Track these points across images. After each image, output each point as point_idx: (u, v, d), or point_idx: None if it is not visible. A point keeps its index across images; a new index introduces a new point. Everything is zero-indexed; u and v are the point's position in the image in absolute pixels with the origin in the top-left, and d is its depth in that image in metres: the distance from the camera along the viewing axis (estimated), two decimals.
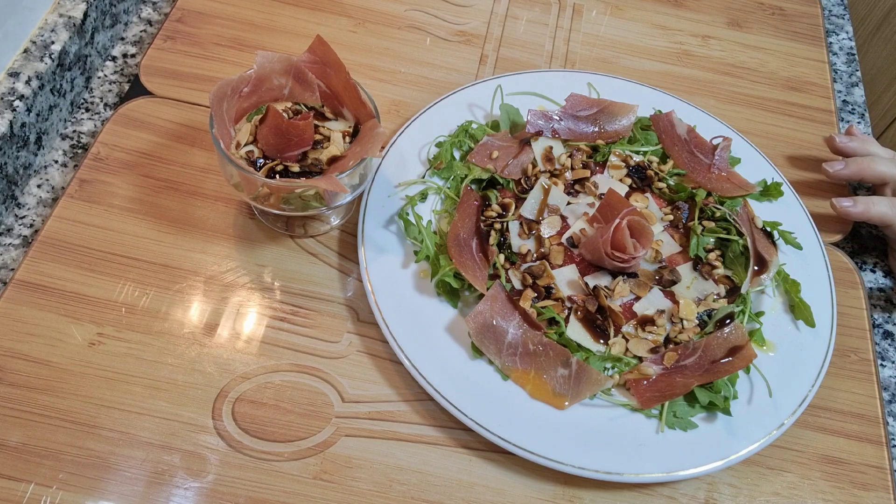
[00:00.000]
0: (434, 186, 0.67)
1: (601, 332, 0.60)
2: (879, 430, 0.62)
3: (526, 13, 0.88)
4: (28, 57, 0.67)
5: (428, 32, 0.83)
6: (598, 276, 0.63)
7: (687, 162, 0.71)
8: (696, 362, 0.59)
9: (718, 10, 0.92)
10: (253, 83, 0.61)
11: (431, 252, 0.62)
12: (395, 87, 0.78)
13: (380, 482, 0.55)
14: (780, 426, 0.58)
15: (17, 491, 0.51)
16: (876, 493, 0.59)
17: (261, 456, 0.55)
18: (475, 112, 0.74)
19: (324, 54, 0.61)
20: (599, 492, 0.56)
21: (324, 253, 0.65)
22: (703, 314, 0.63)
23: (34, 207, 0.66)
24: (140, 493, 0.52)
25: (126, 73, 0.76)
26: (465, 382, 0.57)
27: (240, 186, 0.59)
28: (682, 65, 0.86)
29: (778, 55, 0.89)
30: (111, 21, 0.77)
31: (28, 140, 0.66)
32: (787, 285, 0.65)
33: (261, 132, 0.59)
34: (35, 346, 0.57)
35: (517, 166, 0.69)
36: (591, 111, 0.73)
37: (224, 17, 0.80)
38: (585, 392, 0.57)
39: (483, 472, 0.56)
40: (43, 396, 0.55)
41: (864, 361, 0.65)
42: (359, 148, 0.59)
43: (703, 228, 0.67)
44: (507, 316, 0.59)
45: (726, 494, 0.57)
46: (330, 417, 0.57)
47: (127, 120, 0.70)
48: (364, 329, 0.62)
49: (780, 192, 0.71)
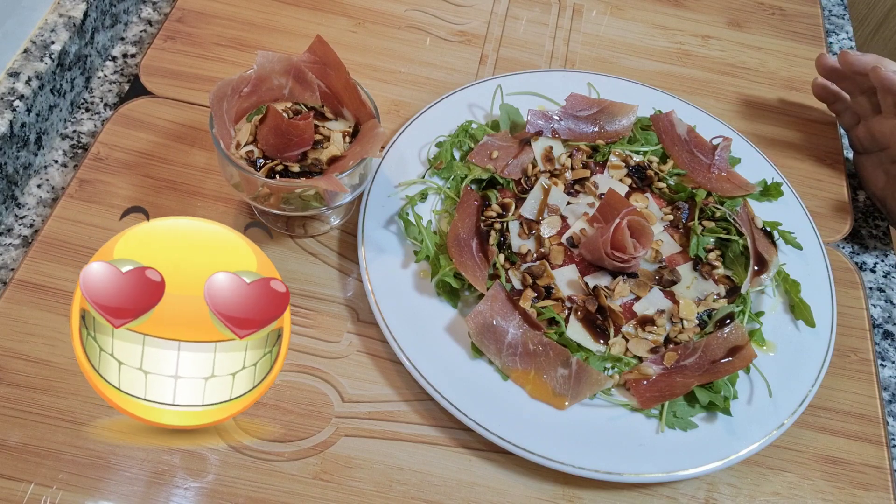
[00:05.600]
0: (434, 186, 0.68)
1: (601, 332, 0.60)
2: (879, 430, 0.62)
3: (526, 13, 0.88)
4: (28, 57, 0.67)
5: (428, 32, 0.83)
6: (598, 276, 0.63)
7: (687, 162, 0.71)
8: (696, 362, 0.59)
9: (718, 10, 0.92)
10: (253, 83, 0.61)
11: (431, 252, 0.62)
12: (395, 87, 0.78)
13: (380, 482, 0.55)
14: (780, 426, 0.58)
15: (17, 491, 0.51)
16: (876, 493, 0.59)
17: (261, 456, 0.55)
18: (475, 112, 0.74)
19: (324, 54, 0.61)
20: (599, 492, 0.56)
21: (324, 253, 0.65)
22: (703, 314, 0.63)
23: (34, 207, 0.66)
24: (140, 493, 0.52)
25: (126, 73, 0.76)
26: (465, 382, 0.57)
27: (240, 186, 0.59)
28: (682, 65, 0.86)
29: (778, 55, 0.89)
30: (111, 21, 0.77)
31: (28, 140, 0.66)
32: (787, 285, 0.65)
33: (261, 132, 0.59)
34: (35, 346, 0.57)
35: (517, 166, 0.69)
36: (591, 111, 0.73)
37: (224, 17, 0.80)
38: (585, 392, 0.57)
39: (483, 472, 0.56)
40: (43, 396, 0.55)
41: (864, 361, 0.65)
42: (359, 148, 0.59)
43: (703, 228, 0.67)
44: (507, 316, 0.59)
45: (726, 494, 0.57)
46: (330, 417, 0.57)
47: (127, 120, 0.70)
48: (364, 329, 0.62)
49: (780, 192, 0.71)
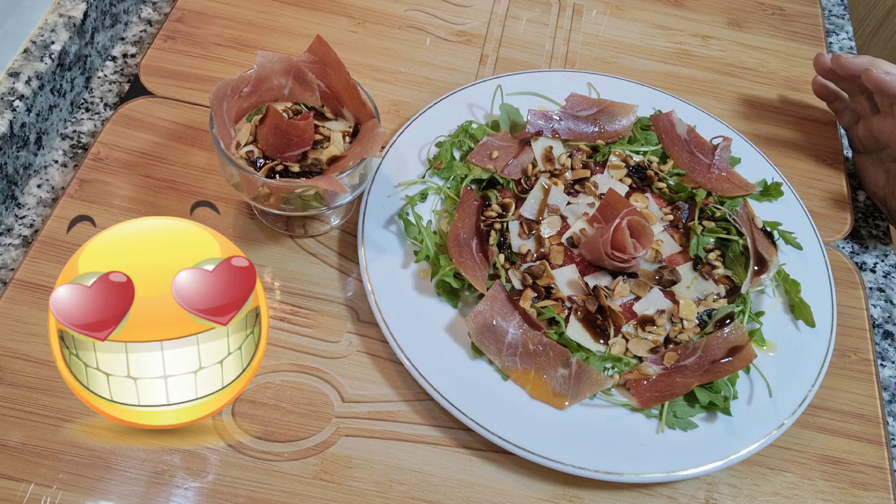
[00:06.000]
0: (434, 186, 0.68)
1: (601, 332, 0.60)
2: (879, 430, 0.62)
3: (526, 13, 0.88)
4: (28, 57, 0.67)
5: (428, 32, 0.83)
6: (598, 276, 0.63)
7: (687, 162, 0.71)
8: (696, 362, 0.59)
9: (718, 10, 0.92)
10: (253, 83, 0.61)
11: (431, 252, 0.62)
12: (395, 87, 0.78)
13: (380, 482, 0.55)
14: (780, 426, 0.58)
15: (17, 491, 0.51)
16: (876, 493, 0.59)
17: (261, 456, 0.55)
18: (475, 112, 0.74)
19: (324, 54, 0.61)
20: (599, 492, 0.56)
21: (324, 253, 0.65)
22: (703, 314, 0.63)
23: (34, 207, 0.66)
24: (140, 493, 0.52)
25: (126, 73, 0.76)
26: (465, 382, 0.57)
27: (240, 186, 0.59)
28: (682, 65, 0.86)
29: (778, 55, 0.89)
30: (111, 21, 0.77)
31: (28, 140, 0.66)
32: (787, 285, 0.65)
33: (261, 132, 0.59)
34: (35, 346, 0.57)
35: (517, 166, 0.69)
36: (591, 111, 0.73)
37: (224, 17, 0.80)
38: (585, 392, 0.57)
39: (483, 472, 0.56)
40: (43, 396, 0.55)
41: (864, 361, 0.65)
42: (359, 148, 0.59)
43: (703, 228, 0.67)
44: (507, 316, 0.59)
45: (726, 494, 0.57)
46: (330, 417, 0.57)
47: (127, 120, 0.70)
48: (364, 329, 0.62)
49: (780, 192, 0.72)
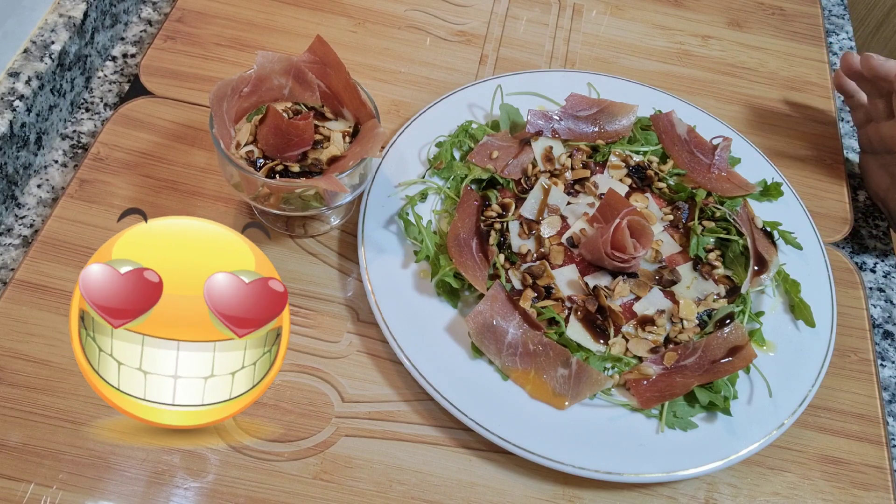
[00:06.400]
0: (434, 186, 0.68)
1: (601, 332, 0.60)
2: (879, 430, 0.62)
3: (526, 13, 0.88)
4: (28, 57, 0.67)
5: (428, 32, 0.83)
6: (598, 276, 0.63)
7: (687, 162, 0.71)
8: (696, 362, 0.59)
9: (718, 10, 0.92)
10: (253, 83, 0.61)
11: (431, 252, 0.62)
12: (395, 87, 0.78)
13: (380, 482, 0.55)
14: (780, 426, 0.58)
15: (17, 491, 0.51)
16: (876, 493, 0.59)
17: (261, 456, 0.55)
18: (475, 112, 0.74)
19: (324, 54, 0.61)
20: (599, 492, 0.56)
21: (324, 253, 0.65)
22: (703, 314, 0.63)
23: (34, 207, 0.66)
24: (140, 493, 0.52)
25: (126, 73, 0.76)
26: (465, 382, 0.57)
27: (240, 186, 0.59)
28: (682, 65, 0.86)
29: (778, 55, 0.89)
30: (111, 21, 0.77)
31: (28, 140, 0.66)
32: (787, 285, 0.65)
33: (261, 132, 0.59)
34: (35, 346, 0.57)
35: (517, 166, 0.69)
36: (591, 111, 0.73)
37: (224, 17, 0.80)
38: (585, 392, 0.57)
39: (483, 472, 0.56)
40: (43, 396, 0.55)
41: (864, 361, 0.65)
42: (359, 148, 0.59)
43: (703, 228, 0.67)
44: (507, 316, 0.59)
45: (726, 494, 0.57)
46: (330, 417, 0.57)
47: (127, 120, 0.70)
48: (364, 329, 0.62)
49: (780, 192, 0.72)
